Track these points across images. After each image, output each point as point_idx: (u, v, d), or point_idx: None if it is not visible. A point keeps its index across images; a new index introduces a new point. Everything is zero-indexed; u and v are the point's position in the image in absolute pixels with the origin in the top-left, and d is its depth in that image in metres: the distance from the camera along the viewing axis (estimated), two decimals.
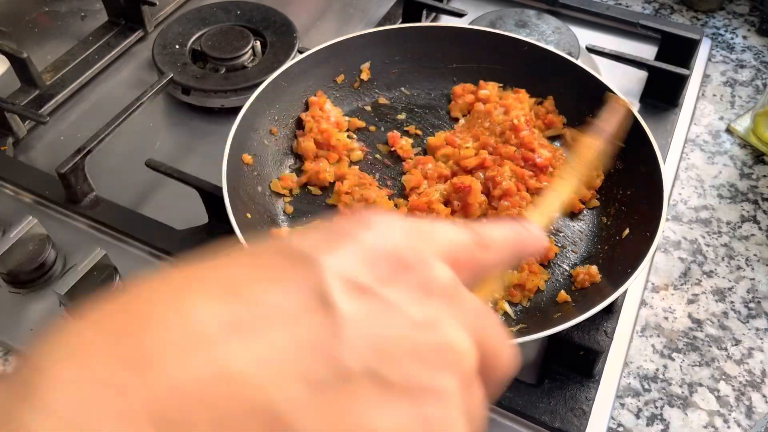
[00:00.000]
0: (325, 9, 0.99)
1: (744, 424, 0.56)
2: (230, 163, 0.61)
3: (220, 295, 0.21)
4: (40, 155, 0.78)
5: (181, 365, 0.19)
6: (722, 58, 0.89)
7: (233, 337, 0.20)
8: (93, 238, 0.68)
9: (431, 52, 0.76)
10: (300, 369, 0.20)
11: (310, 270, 0.22)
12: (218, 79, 0.81)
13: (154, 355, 0.20)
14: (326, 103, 0.73)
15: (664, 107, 0.79)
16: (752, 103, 0.83)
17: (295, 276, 0.22)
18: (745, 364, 0.60)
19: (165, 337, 0.20)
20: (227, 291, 0.22)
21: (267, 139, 0.69)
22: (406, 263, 0.24)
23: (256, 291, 0.22)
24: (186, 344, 0.20)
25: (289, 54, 0.84)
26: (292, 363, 0.20)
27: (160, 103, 0.84)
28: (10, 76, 0.82)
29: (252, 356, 0.20)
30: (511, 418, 0.55)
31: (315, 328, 0.21)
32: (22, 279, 0.63)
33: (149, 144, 0.79)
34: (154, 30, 0.93)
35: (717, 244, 0.69)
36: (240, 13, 0.90)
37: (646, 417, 0.56)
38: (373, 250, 0.24)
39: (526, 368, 0.58)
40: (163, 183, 0.71)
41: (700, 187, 0.74)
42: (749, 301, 0.64)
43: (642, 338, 0.61)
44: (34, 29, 0.95)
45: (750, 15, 0.96)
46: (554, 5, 0.93)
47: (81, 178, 0.69)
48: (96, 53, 0.87)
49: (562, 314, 0.54)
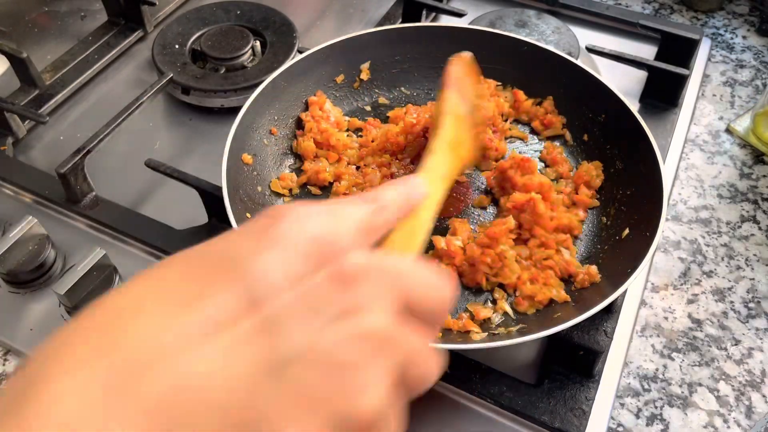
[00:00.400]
0: (324, 9, 0.99)
1: (744, 424, 0.56)
2: (230, 163, 0.61)
3: (169, 312, 0.24)
4: (40, 155, 0.78)
5: (149, 382, 0.22)
6: (722, 58, 0.89)
7: (186, 349, 0.23)
8: (93, 238, 0.68)
9: (431, 52, 0.76)
10: (246, 366, 0.23)
11: (237, 275, 0.25)
12: (218, 78, 0.81)
13: (127, 373, 0.22)
14: (326, 102, 0.73)
15: (663, 107, 0.79)
16: (752, 103, 0.83)
17: (227, 283, 0.25)
18: (744, 364, 0.60)
19: (132, 355, 0.23)
20: (174, 307, 0.24)
21: (267, 138, 0.69)
22: (325, 254, 0.27)
23: (193, 305, 0.24)
24: (149, 361, 0.23)
25: (289, 54, 0.84)
26: (239, 363, 0.23)
27: (160, 103, 0.84)
28: (10, 76, 0.82)
29: (205, 363, 0.23)
30: (511, 418, 0.55)
31: (252, 329, 0.24)
32: (22, 279, 0.63)
33: (149, 144, 0.79)
34: (154, 30, 0.93)
35: (717, 244, 0.69)
36: (240, 12, 0.90)
37: (645, 417, 0.56)
38: (293, 245, 0.26)
39: (526, 368, 0.58)
40: (162, 183, 0.71)
41: (700, 187, 0.74)
42: (749, 301, 0.64)
43: (642, 338, 0.61)
44: (34, 29, 0.95)
45: (750, 15, 0.96)
46: (554, 5, 0.93)
47: (81, 178, 0.69)
48: (96, 53, 0.87)
49: (562, 314, 0.54)
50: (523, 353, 0.59)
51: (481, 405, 0.55)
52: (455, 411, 0.55)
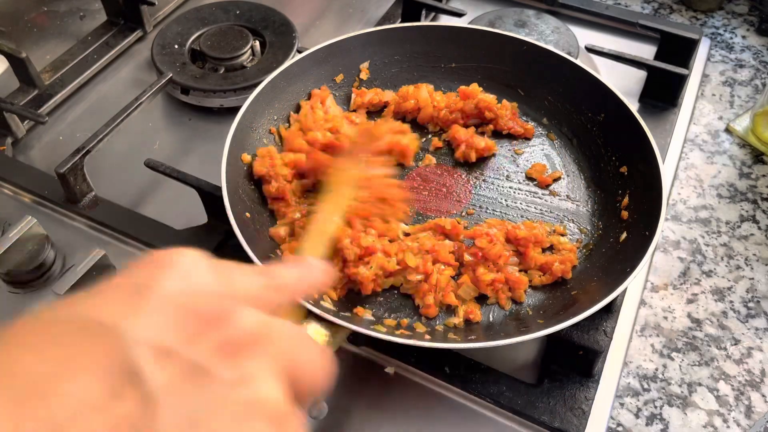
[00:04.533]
0: (324, 9, 0.99)
1: (743, 423, 0.56)
2: (229, 163, 0.61)
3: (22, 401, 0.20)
4: (39, 155, 0.78)
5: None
6: (721, 57, 0.89)
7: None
8: (92, 238, 0.68)
9: (430, 52, 0.77)
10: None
11: (112, 343, 0.22)
12: (217, 78, 0.81)
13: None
14: (328, 98, 0.72)
15: (663, 107, 0.79)
16: (751, 103, 0.83)
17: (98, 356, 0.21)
18: (744, 364, 0.60)
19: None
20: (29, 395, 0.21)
21: (266, 138, 0.69)
22: (211, 316, 0.24)
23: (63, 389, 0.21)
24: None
25: (288, 54, 0.84)
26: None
27: (159, 102, 0.84)
28: (9, 76, 0.82)
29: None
30: (510, 418, 0.55)
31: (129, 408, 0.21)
32: (22, 279, 0.63)
33: (148, 144, 0.79)
34: (153, 30, 0.93)
35: (716, 244, 0.69)
36: (239, 12, 0.90)
37: (645, 416, 0.56)
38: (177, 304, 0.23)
39: (526, 368, 0.58)
40: (162, 183, 0.71)
41: (699, 186, 0.74)
42: (748, 301, 0.64)
43: (641, 338, 0.61)
44: (33, 29, 0.95)
45: (749, 15, 0.96)
46: (553, 5, 0.93)
47: (80, 178, 0.68)
48: (95, 53, 0.87)
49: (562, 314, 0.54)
50: (523, 353, 0.59)
51: (480, 405, 0.55)
52: (455, 411, 0.55)
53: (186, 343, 0.22)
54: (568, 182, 0.68)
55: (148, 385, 0.21)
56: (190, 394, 0.22)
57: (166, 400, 0.21)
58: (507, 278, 0.58)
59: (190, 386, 0.22)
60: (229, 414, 0.22)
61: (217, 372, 0.22)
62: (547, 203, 0.66)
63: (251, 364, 0.24)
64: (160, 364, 0.21)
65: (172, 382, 0.21)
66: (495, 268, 0.59)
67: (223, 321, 0.24)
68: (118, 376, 0.21)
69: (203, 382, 0.22)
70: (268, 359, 0.24)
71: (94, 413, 0.20)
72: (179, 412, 0.21)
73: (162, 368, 0.21)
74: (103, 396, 0.21)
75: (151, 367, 0.21)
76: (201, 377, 0.22)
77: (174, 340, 0.22)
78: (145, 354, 0.21)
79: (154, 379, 0.21)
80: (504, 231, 0.61)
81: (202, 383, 0.22)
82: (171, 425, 0.21)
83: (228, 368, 0.23)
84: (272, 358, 0.25)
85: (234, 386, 0.23)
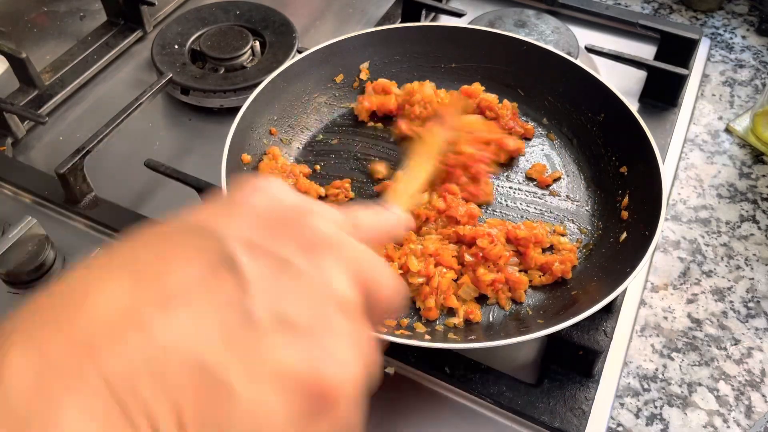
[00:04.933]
0: (324, 9, 0.99)
1: (743, 423, 0.56)
2: (229, 163, 0.61)
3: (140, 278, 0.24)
4: (39, 155, 0.78)
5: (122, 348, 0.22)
6: (721, 57, 0.89)
7: (157, 315, 0.23)
8: (92, 238, 0.68)
9: (430, 52, 0.77)
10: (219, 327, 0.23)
11: (210, 239, 0.26)
12: (217, 79, 0.81)
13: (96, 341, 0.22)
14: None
15: (663, 107, 0.79)
16: (751, 103, 0.83)
17: (198, 247, 0.26)
18: (744, 364, 0.60)
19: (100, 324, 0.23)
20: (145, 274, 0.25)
21: (266, 138, 0.69)
22: (293, 219, 0.28)
23: (170, 268, 0.25)
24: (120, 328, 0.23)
25: (288, 54, 0.84)
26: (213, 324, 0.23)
27: (159, 103, 0.84)
28: (9, 76, 0.82)
29: (178, 328, 0.23)
30: (510, 418, 0.55)
31: (226, 289, 0.24)
32: (21, 279, 0.63)
33: (148, 144, 0.79)
34: (153, 30, 0.93)
35: (716, 244, 0.69)
36: (239, 13, 0.90)
37: (645, 417, 0.56)
38: (264, 212, 0.28)
39: (526, 368, 0.58)
40: (162, 183, 0.71)
41: (700, 186, 0.74)
42: (748, 301, 0.64)
43: (641, 338, 0.61)
44: (33, 29, 0.95)
45: (749, 15, 0.96)
46: (553, 5, 0.93)
47: (80, 179, 0.68)
48: (95, 53, 0.87)
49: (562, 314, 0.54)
50: (523, 353, 0.59)
51: (480, 405, 0.55)
52: (455, 411, 0.55)
53: (271, 240, 0.26)
54: (568, 182, 0.68)
55: (242, 271, 0.25)
56: (276, 280, 0.25)
57: (257, 284, 0.25)
58: (507, 278, 0.58)
59: (277, 273, 0.25)
60: (308, 300, 0.25)
61: (298, 263, 0.26)
62: (547, 203, 0.66)
63: (327, 263, 0.27)
64: (251, 255, 0.25)
65: (261, 270, 0.25)
66: (495, 268, 0.59)
67: (303, 225, 0.28)
68: (218, 263, 0.25)
69: (286, 271, 0.26)
70: (343, 262, 0.27)
71: (200, 288, 0.24)
72: (267, 293, 0.25)
73: (253, 259, 0.25)
74: (206, 276, 0.24)
75: (244, 257, 0.25)
76: (284, 267, 0.26)
77: (261, 237, 0.26)
78: (239, 247, 0.25)
79: (246, 267, 0.25)
80: (504, 231, 0.61)
81: (285, 272, 0.26)
82: (261, 303, 0.24)
83: (307, 261, 0.26)
84: (347, 262, 0.27)
85: (313, 277, 0.26)
